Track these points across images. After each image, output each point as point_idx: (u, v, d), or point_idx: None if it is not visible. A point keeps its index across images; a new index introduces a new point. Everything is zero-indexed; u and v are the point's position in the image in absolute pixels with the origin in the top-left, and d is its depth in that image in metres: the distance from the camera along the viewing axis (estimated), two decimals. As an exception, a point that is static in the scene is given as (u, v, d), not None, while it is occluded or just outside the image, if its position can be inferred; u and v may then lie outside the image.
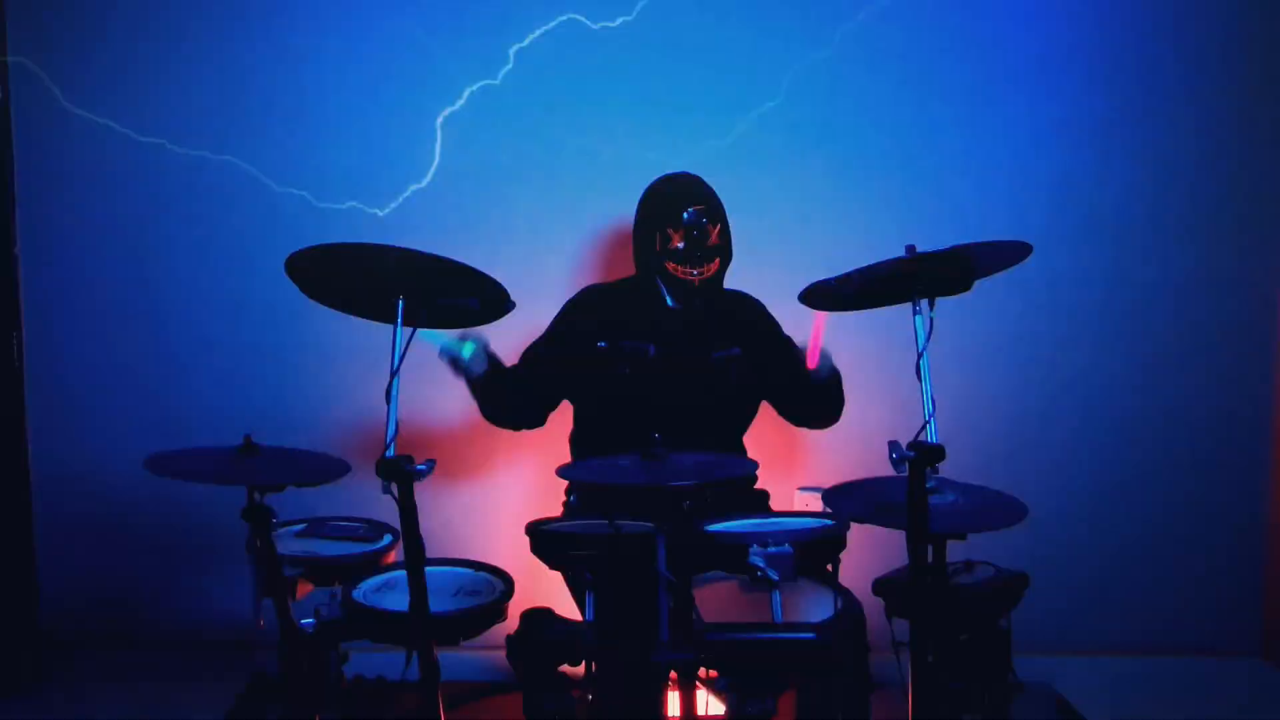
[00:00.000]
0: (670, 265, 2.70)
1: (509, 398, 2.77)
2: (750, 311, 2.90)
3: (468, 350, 2.57)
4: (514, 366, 2.78)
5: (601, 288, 2.93)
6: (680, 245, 2.68)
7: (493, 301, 2.26)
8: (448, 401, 3.28)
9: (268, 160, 3.33)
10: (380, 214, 3.32)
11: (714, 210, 2.71)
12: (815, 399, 2.82)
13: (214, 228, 3.36)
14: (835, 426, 3.06)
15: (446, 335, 2.52)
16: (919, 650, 1.97)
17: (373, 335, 2.30)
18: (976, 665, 2.22)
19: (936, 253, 2.06)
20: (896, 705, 2.16)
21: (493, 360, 2.66)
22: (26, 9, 3.30)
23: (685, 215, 2.67)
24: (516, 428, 2.87)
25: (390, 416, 2.06)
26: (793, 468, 3.27)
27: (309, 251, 2.11)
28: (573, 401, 2.90)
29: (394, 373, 2.08)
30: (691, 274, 2.69)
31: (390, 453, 2.00)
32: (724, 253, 2.73)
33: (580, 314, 2.85)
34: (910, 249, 2.08)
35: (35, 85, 3.31)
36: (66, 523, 3.44)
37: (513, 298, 2.27)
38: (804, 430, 3.00)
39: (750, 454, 2.90)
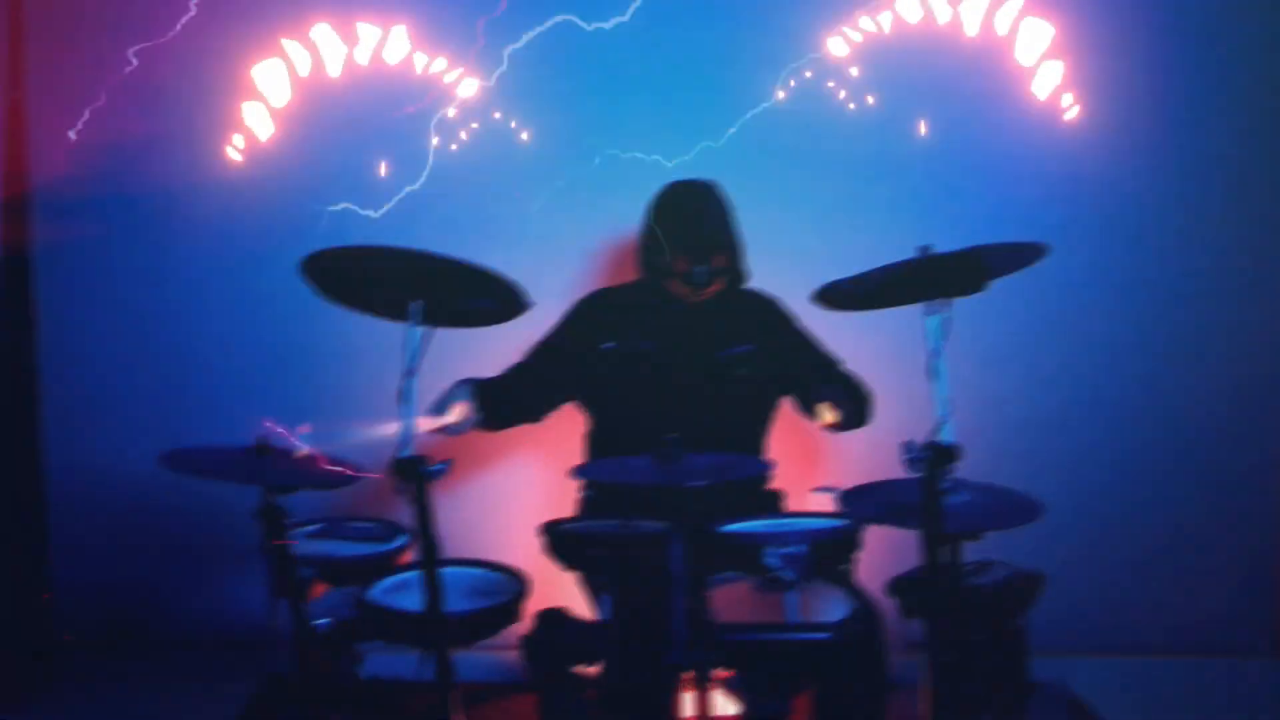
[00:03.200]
0: (673, 283, 2.71)
1: (501, 407, 2.73)
2: (763, 309, 2.89)
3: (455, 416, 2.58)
4: (514, 366, 2.78)
5: (609, 290, 2.94)
6: (685, 269, 2.68)
7: (509, 302, 2.25)
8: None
9: (267, 160, 3.34)
10: (374, 215, 3.31)
11: (724, 241, 2.69)
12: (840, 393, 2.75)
13: (229, 226, 3.36)
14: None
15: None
16: (934, 650, 1.97)
17: (390, 336, 2.30)
18: (992, 665, 2.22)
19: (951, 253, 2.06)
20: (912, 705, 2.15)
21: (479, 391, 2.65)
22: (44, 9, 3.32)
23: (694, 267, 2.66)
24: (511, 426, 2.84)
25: (405, 417, 2.07)
26: (808, 468, 3.26)
27: (325, 252, 2.11)
28: (585, 403, 2.90)
29: (409, 373, 2.08)
30: (694, 295, 2.70)
31: (406, 453, 2.00)
32: (731, 272, 2.73)
33: (588, 315, 2.85)
34: (925, 249, 2.08)
35: (52, 85, 3.33)
36: (81, 523, 3.46)
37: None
38: (819, 431, 2.99)
39: (768, 455, 2.89)
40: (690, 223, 2.69)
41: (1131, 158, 3.34)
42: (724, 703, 2.18)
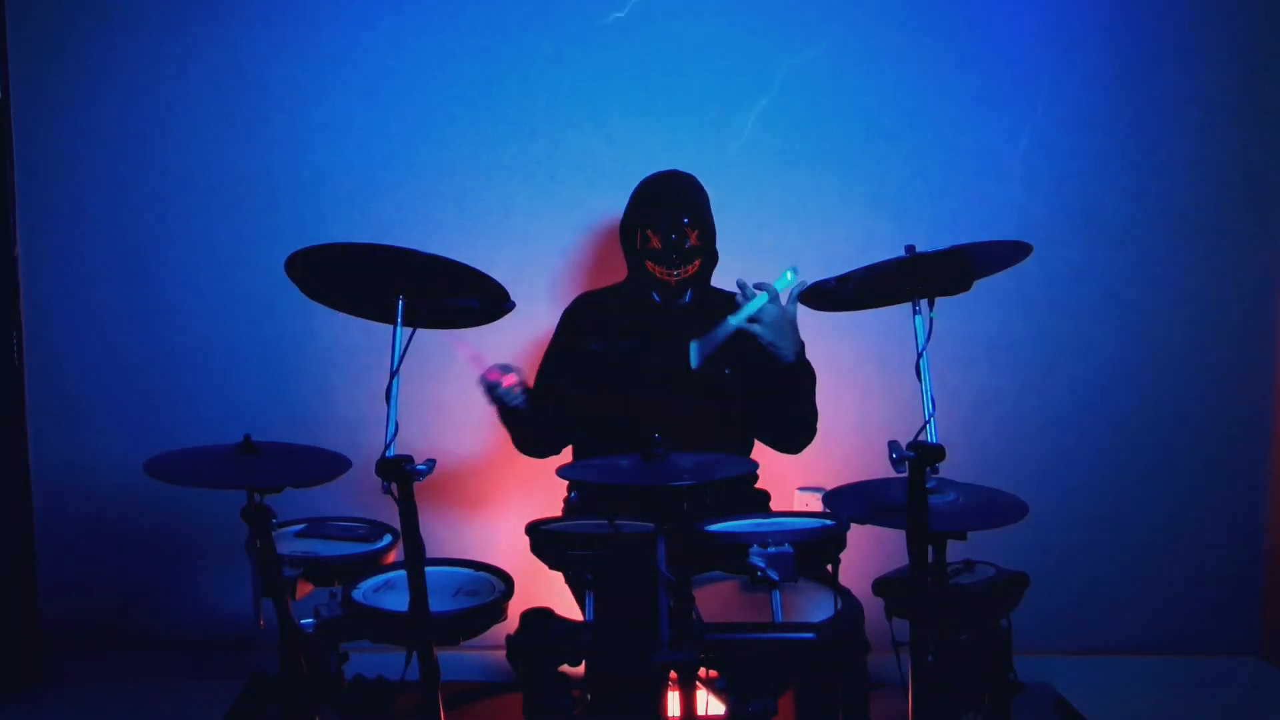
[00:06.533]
0: (650, 264, 2.72)
1: (539, 429, 2.79)
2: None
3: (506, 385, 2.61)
4: (537, 396, 2.78)
5: (593, 294, 2.95)
6: (658, 246, 2.70)
7: (492, 301, 2.26)
8: (448, 401, 3.29)
9: (266, 159, 3.33)
10: (380, 212, 3.32)
11: (695, 213, 2.72)
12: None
13: (213, 227, 3.35)
14: (836, 426, 3.06)
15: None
16: (919, 650, 1.97)
17: (372, 335, 2.30)
18: (977, 665, 2.22)
19: (936, 252, 2.06)
20: (896, 705, 2.16)
21: (527, 392, 2.67)
22: (26, 8, 3.30)
23: (665, 227, 2.68)
24: (547, 456, 2.89)
25: (390, 416, 2.06)
26: (793, 468, 3.27)
27: (308, 251, 2.10)
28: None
29: (394, 373, 2.07)
30: (670, 275, 2.71)
31: (390, 453, 1.99)
32: (705, 253, 2.75)
33: (575, 322, 2.87)
34: (910, 249, 2.08)
35: (35, 84, 3.31)
36: (66, 523, 3.44)
37: (512, 298, 2.26)
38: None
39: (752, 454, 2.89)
40: (663, 201, 2.73)
41: (1116, 157, 3.35)
42: (710, 702, 2.18)
